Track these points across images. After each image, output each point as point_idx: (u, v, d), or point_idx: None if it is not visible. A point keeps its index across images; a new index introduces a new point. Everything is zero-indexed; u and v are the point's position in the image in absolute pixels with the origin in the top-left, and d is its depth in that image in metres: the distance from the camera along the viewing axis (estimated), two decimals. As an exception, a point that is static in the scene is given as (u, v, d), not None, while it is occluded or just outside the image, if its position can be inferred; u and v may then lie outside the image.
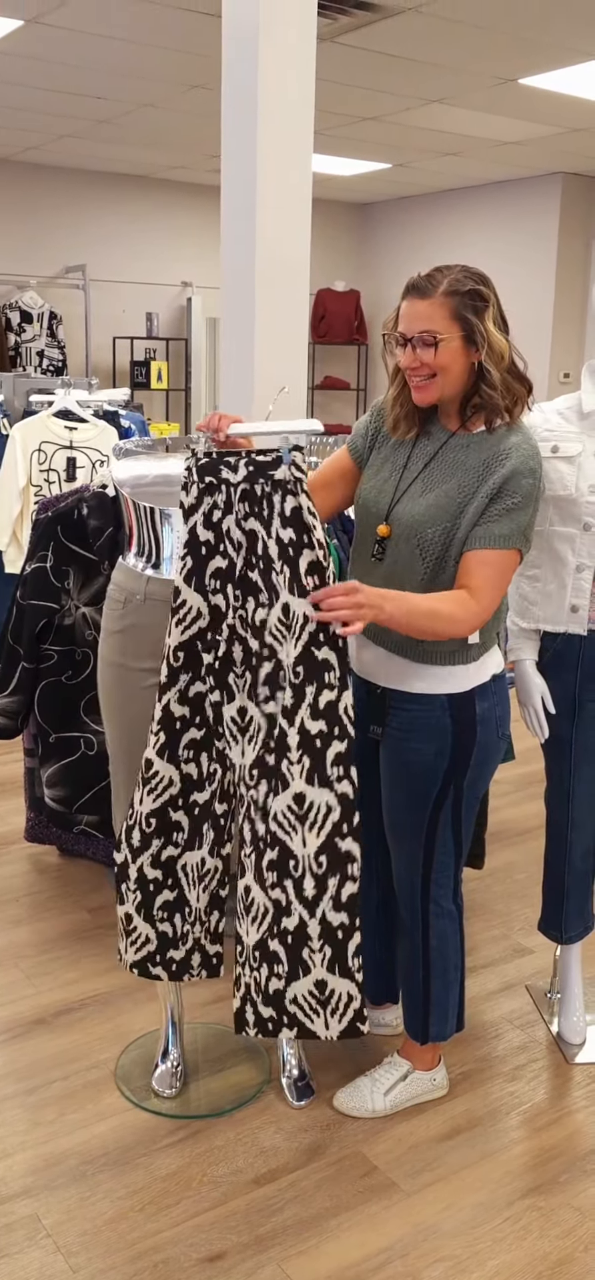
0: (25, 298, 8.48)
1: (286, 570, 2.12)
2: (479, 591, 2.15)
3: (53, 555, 3.15)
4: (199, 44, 5.28)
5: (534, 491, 2.19)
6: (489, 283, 2.23)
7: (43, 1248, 2.12)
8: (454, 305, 2.17)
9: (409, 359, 2.21)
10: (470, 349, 2.19)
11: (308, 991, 2.28)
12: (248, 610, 2.19)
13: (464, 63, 5.53)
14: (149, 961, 2.38)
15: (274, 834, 2.23)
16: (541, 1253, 2.14)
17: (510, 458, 2.17)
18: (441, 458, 2.25)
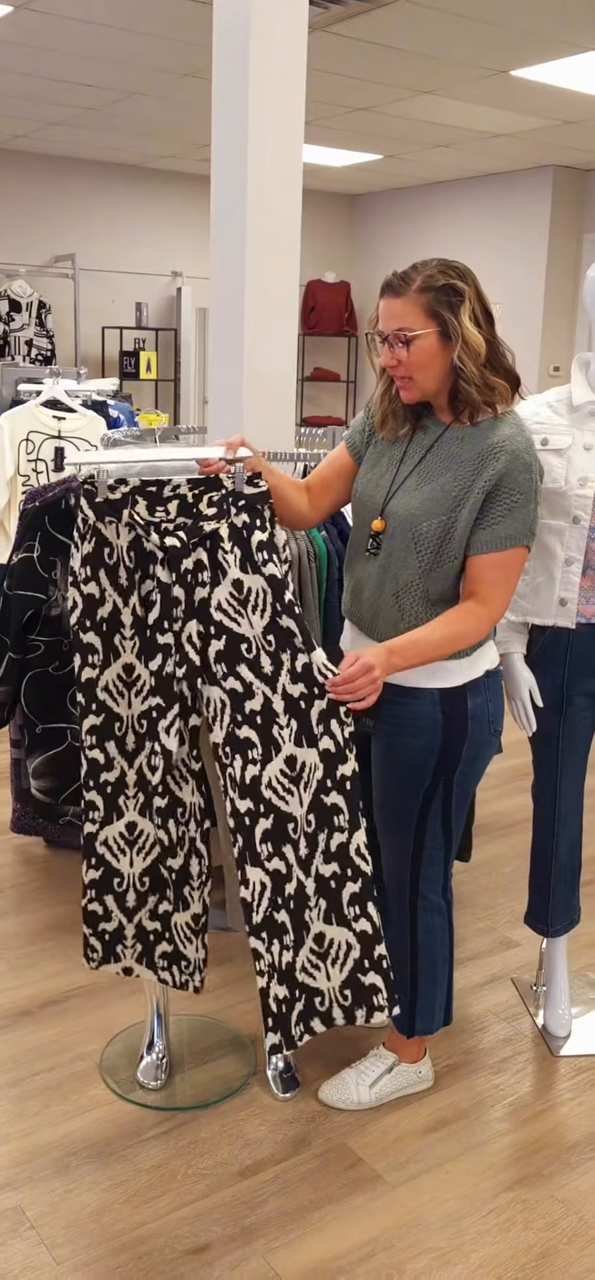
0: (14, 287, 8.44)
1: (237, 550, 2.18)
2: (488, 597, 2.18)
3: (40, 545, 3.14)
4: (189, 32, 5.25)
5: (532, 484, 2.18)
6: (467, 277, 2.19)
7: (26, 1240, 2.12)
8: (427, 302, 2.15)
9: (387, 358, 2.21)
10: (448, 345, 2.17)
11: (309, 950, 2.31)
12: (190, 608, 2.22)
13: (455, 54, 5.52)
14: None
15: (269, 801, 2.25)
16: (525, 1245, 2.15)
17: (504, 451, 2.16)
18: (437, 451, 2.25)
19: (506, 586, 2.20)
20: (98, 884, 2.39)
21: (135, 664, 2.26)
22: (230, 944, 3.14)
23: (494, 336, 2.21)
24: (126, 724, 2.31)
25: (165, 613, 2.19)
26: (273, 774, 2.24)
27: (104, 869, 2.38)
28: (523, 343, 8.79)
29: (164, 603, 2.19)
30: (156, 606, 2.20)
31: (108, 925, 2.41)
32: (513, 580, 2.21)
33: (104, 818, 2.37)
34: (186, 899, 2.35)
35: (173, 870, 2.35)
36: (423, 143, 7.73)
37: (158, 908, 2.38)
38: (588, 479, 2.48)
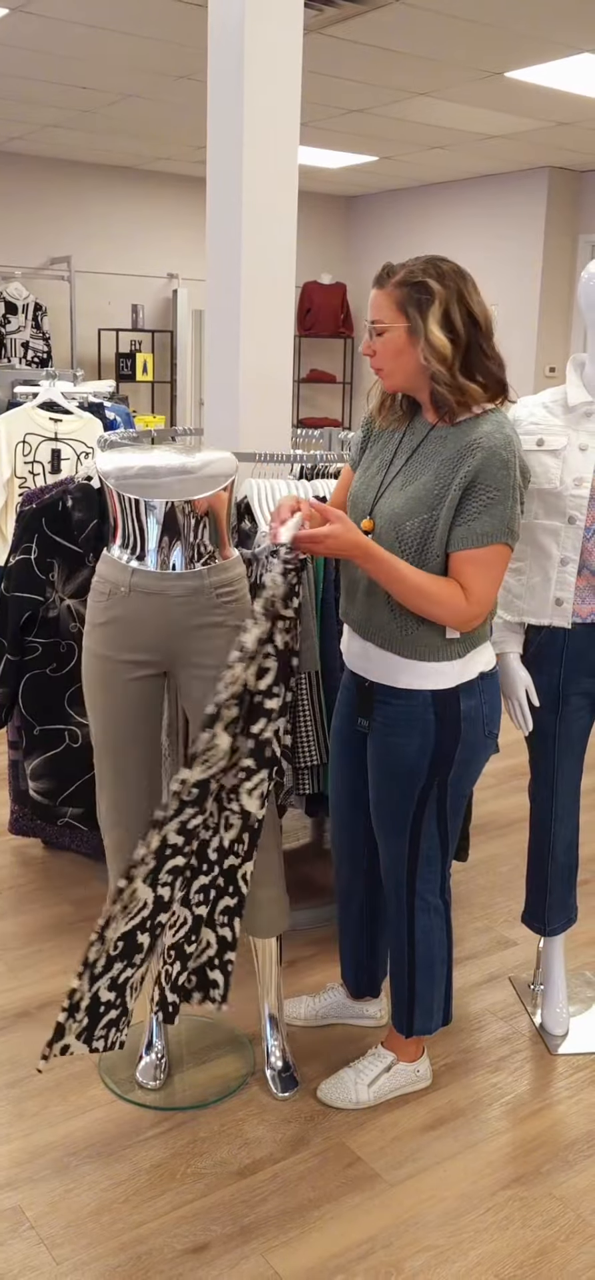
0: (10, 289, 8.44)
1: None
2: (468, 591, 2.16)
3: (37, 547, 3.14)
4: (185, 34, 5.26)
5: (510, 481, 2.16)
6: (447, 278, 2.18)
7: (26, 1239, 2.12)
8: (400, 296, 2.17)
9: (365, 346, 2.26)
10: (415, 341, 2.18)
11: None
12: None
13: (450, 56, 5.53)
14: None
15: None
16: (523, 1242, 2.16)
17: (480, 448, 2.15)
18: (422, 450, 2.26)
19: (487, 584, 2.17)
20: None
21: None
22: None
23: (476, 341, 2.19)
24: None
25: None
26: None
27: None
28: (518, 344, 8.81)
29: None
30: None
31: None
32: (494, 578, 2.19)
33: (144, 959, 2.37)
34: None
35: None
36: (418, 144, 7.74)
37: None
38: (583, 479, 2.49)
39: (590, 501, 2.49)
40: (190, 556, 2.34)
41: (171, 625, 2.35)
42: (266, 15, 3.28)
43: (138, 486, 2.35)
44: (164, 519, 2.32)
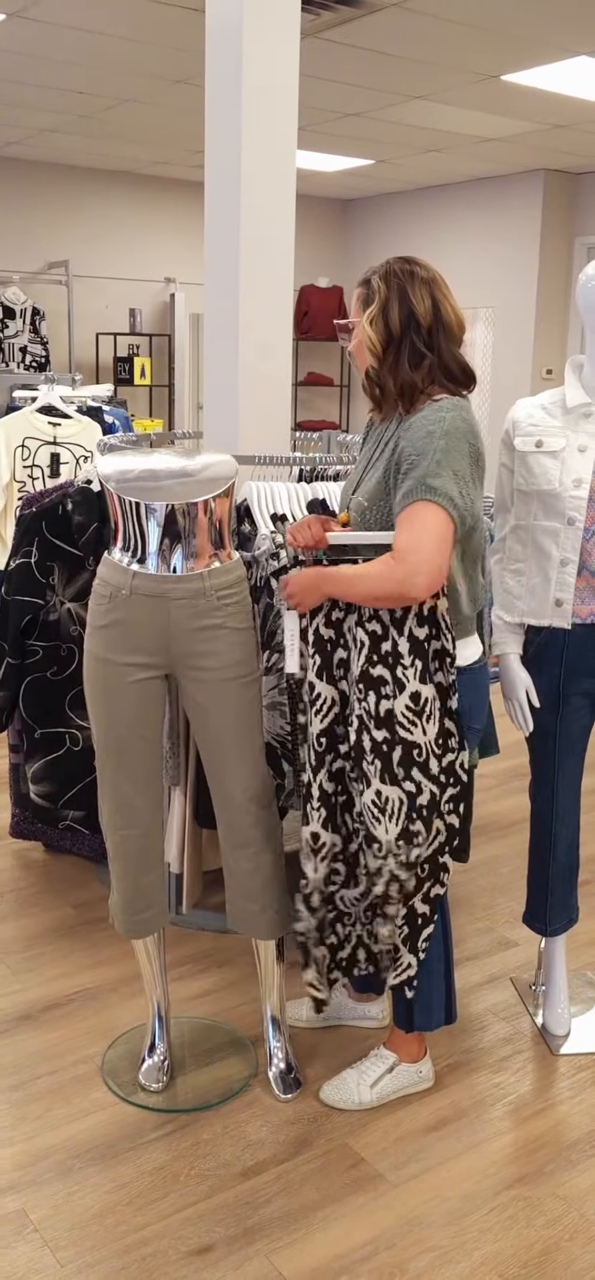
0: (8, 293, 8.44)
1: (418, 663, 2.25)
2: (400, 552, 2.13)
3: (37, 551, 3.14)
4: (182, 39, 5.27)
5: (431, 445, 2.14)
6: (391, 277, 2.25)
7: (30, 1242, 2.12)
8: (359, 294, 2.31)
9: (343, 342, 2.40)
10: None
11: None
12: (370, 703, 2.27)
13: (446, 59, 5.54)
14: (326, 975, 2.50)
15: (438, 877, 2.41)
16: (527, 1242, 2.16)
17: (413, 425, 2.21)
18: (385, 444, 2.34)
19: (413, 536, 2.12)
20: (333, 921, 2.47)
21: (315, 683, 2.33)
22: (230, 945, 3.15)
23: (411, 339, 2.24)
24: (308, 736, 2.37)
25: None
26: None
27: (336, 912, 2.46)
28: (515, 346, 8.82)
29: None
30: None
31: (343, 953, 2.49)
32: (421, 532, 2.12)
33: (343, 881, 2.44)
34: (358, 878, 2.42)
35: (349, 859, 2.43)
36: (414, 147, 7.76)
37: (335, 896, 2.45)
38: (582, 480, 2.50)
39: (589, 502, 2.50)
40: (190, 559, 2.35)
41: (172, 628, 2.35)
42: (264, 20, 3.29)
43: (138, 489, 2.36)
44: (164, 522, 2.32)
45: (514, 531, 2.65)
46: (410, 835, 2.30)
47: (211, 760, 2.45)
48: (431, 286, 2.25)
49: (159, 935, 2.59)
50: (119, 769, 2.42)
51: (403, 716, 2.25)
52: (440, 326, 2.25)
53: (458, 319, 2.28)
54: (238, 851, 2.47)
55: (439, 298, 2.26)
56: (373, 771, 2.27)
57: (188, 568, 2.35)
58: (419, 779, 2.28)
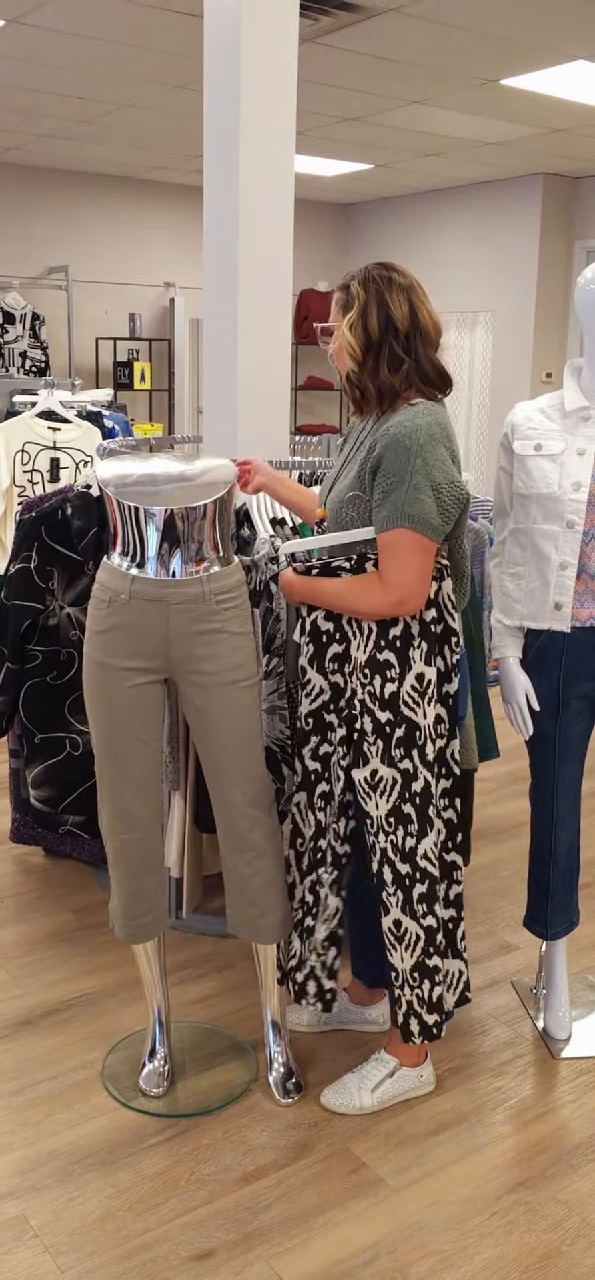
0: (8, 299, 8.45)
1: (424, 644, 2.30)
2: (381, 574, 2.25)
3: (37, 555, 3.15)
4: (181, 44, 5.27)
5: (407, 468, 2.20)
6: (370, 283, 2.29)
7: (31, 1248, 2.12)
8: (341, 299, 2.34)
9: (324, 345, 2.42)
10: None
11: (460, 973, 2.50)
12: (375, 686, 2.31)
13: (445, 63, 5.55)
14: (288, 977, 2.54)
15: (423, 870, 2.37)
16: (528, 1247, 2.16)
17: (388, 435, 2.25)
18: (360, 443, 2.38)
19: (399, 569, 2.21)
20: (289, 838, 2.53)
21: (307, 669, 2.41)
22: (231, 950, 3.15)
23: (389, 343, 2.28)
24: (300, 718, 2.43)
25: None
26: (428, 848, 2.36)
27: (293, 826, 2.50)
28: (514, 350, 8.83)
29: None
30: None
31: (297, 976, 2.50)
32: (405, 564, 2.21)
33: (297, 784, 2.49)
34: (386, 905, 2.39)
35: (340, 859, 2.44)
36: (414, 152, 7.77)
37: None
38: (581, 484, 2.50)
39: (588, 506, 2.50)
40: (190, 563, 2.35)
41: (172, 632, 2.35)
42: (262, 25, 3.29)
43: (137, 494, 2.36)
44: (164, 526, 2.33)
45: (513, 535, 2.65)
46: (401, 816, 2.34)
47: (211, 765, 2.45)
48: (409, 293, 2.30)
49: (159, 940, 2.59)
50: (118, 774, 2.41)
51: (408, 697, 2.31)
52: (417, 331, 2.29)
53: (434, 324, 2.33)
54: (237, 856, 2.47)
55: (416, 303, 2.30)
56: (374, 752, 2.33)
57: (187, 572, 2.35)
58: (416, 761, 2.33)
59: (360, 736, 2.33)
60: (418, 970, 2.39)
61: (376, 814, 2.34)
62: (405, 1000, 2.40)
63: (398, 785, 2.33)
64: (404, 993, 2.39)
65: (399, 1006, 2.40)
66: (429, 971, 2.40)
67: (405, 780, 2.33)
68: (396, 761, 2.33)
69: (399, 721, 2.32)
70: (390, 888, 2.36)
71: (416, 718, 2.31)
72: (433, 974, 2.41)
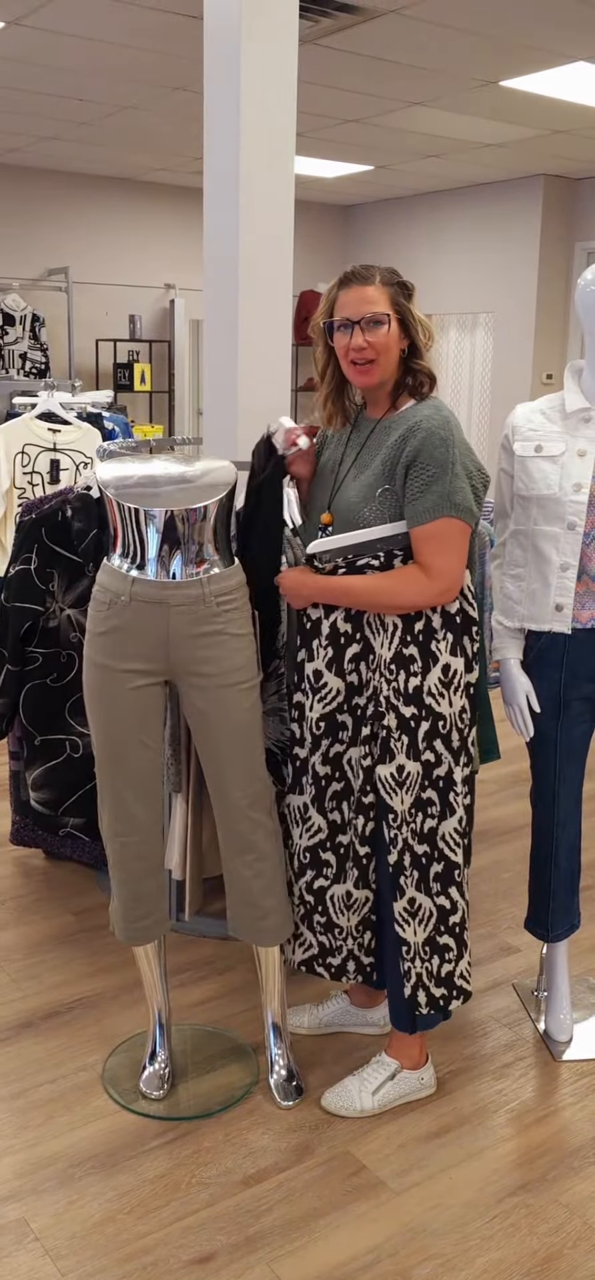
0: (8, 300, 8.45)
1: (450, 636, 2.34)
2: (425, 566, 2.28)
3: (37, 557, 3.14)
4: (181, 46, 5.27)
5: (448, 458, 2.26)
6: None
7: (31, 1251, 2.11)
8: (391, 294, 2.33)
9: (359, 340, 2.32)
10: (402, 335, 2.34)
11: (467, 963, 2.50)
12: (400, 682, 2.33)
13: (446, 65, 5.54)
14: (314, 961, 2.54)
15: (442, 851, 2.41)
16: (530, 1250, 2.15)
17: (421, 429, 2.27)
18: (370, 443, 2.38)
19: (444, 557, 2.27)
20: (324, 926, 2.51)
21: (323, 672, 2.41)
22: (231, 953, 3.14)
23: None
24: (308, 722, 2.44)
25: None
26: (448, 830, 2.42)
27: (284, 826, 2.53)
28: (515, 351, 8.82)
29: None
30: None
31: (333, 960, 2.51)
32: (449, 550, 2.27)
33: (289, 786, 2.50)
34: (402, 888, 2.41)
35: (362, 860, 2.45)
36: (414, 153, 7.76)
37: (313, 883, 2.49)
38: (582, 485, 2.49)
39: (589, 507, 2.50)
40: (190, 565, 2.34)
41: (172, 634, 2.35)
42: (262, 26, 3.29)
43: (137, 496, 2.36)
44: (164, 528, 2.32)
45: (514, 536, 2.64)
46: (423, 802, 2.37)
47: (212, 766, 2.45)
48: None
49: (160, 942, 2.58)
50: (118, 776, 2.41)
51: (435, 689, 2.34)
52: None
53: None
54: (238, 858, 2.47)
55: None
56: (399, 748, 2.34)
57: (187, 574, 2.34)
58: (440, 750, 2.37)
59: (388, 734, 2.34)
60: (429, 945, 2.42)
61: (401, 809, 2.36)
62: (415, 973, 2.42)
63: (421, 775, 2.37)
64: (414, 965, 2.41)
65: (408, 979, 2.41)
66: (440, 948, 2.43)
67: (427, 769, 2.37)
68: (421, 754, 2.36)
69: (425, 715, 2.35)
70: (408, 870, 2.38)
71: (442, 709, 2.35)
72: (443, 951, 2.44)
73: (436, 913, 2.42)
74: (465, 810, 2.44)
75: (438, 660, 2.34)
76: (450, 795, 2.40)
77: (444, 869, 2.42)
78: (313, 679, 2.41)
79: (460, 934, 2.47)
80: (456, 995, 2.48)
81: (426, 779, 2.38)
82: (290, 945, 2.55)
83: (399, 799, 2.36)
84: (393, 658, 2.33)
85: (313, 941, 2.52)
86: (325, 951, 2.51)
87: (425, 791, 2.38)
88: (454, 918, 2.45)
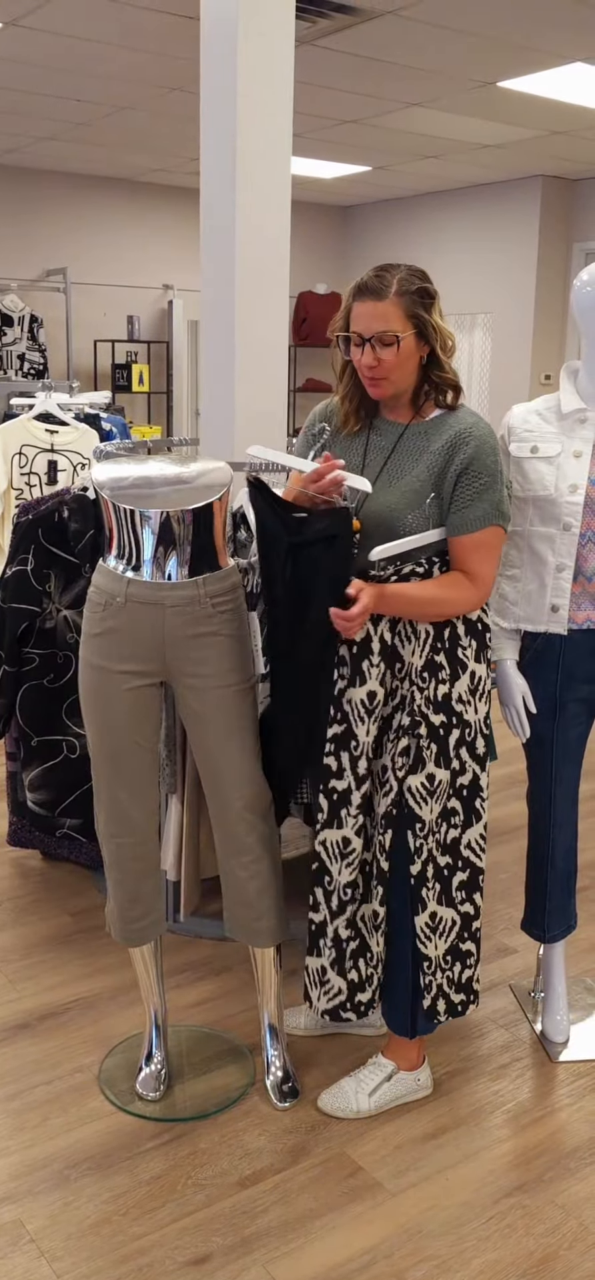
0: (6, 301, 8.45)
1: (474, 643, 2.35)
2: (474, 575, 2.30)
3: (34, 558, 3.14)
4: (178, 47, 5.27)
5: (498, 466, 2.30)
6: (429, 279, 2.34)
7: (26, 1253, 2.11)
8: (406, 304, 2.27)
9: (368, 358, 2.28)
10: (421, 343, 2.30)
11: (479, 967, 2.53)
12: (430, 690, 2.32)
13: (443, 66, 5.55)
14: (341, 1008, 2.46)
15: (467, 859, 2.42)
16: (526, 1251, 2.15)
17: (473, 438, 2.27)
18: (402, 448, 2.34)
19: (489, 565, 2.31)
20: (314, 875, 2.44)
21: (377, 691, 2.32)
22: (228, 953, 3.14)
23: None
24: (362, 748, 2.34)
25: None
26: (473, 838, 2.43)
27: (318, 864, 2.43)
28: (513, 352, 8.83)
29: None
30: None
31: (316, 916, 2.45)
32: (493, 558, 2.32)
33: (326, 821, 2.40)
34: (424, 900, 2.39)
35: (385, 875, 2.40)
36: (412, 154, 7.77)
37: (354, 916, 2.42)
38: (578, 486, 2.49)
39: (585, 508, 2.49)
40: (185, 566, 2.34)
41: (167, 635, 2.35)
42: (259, 27, 3.29)
43: (133, 497, 2.36)
44: (159, 529, 2.32)
45: (510, 537, 2.64)
46: (447, 811, 2.38)
47: (207, 768, 2.44)
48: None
49: (156, 943, 2.58)
50: (114, 777, 2.41)
51: (464, 696, 2.34)
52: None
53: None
54: (234, 859, 2.47)
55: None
56: (429, 756, 2.33)
57: (182, 575, 2.34)
58: (465, 758, 2.37)
59: (420, 742, 2.32)
60: (451, 953, 2.43)
61: (430, 818, 2.35)
62: (436, 984, 2.42)
63: (448, 784, 2.36)
64: (435, 978, 2.42)
65: (428, 992, 2.42)
66: (462, 955, 2.45)
67: (453, 777, 2.37)
68: (451, 763, 2.36)
69: (455, 723, 2.34)
70: (430, 883, 2.38)
71: (469, 716, 2.36)
72: (465, 957, 2.46)
73: (460, 920, 2.42)
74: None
75: (466, 668, 2.34)
76: (475, 801, 2.40)
77: (469, 876, 2.42)
78: (366, 703, 2.31)
79: (479, 939, 2.49)
80: (473, 999, 2.50)
81: (452, 788, 2.37)
82: (315, 993, 2.46)
83: (428, 808, 2.34)
84: (425, 665, 2.31)
85: (341, 986, 2.44)
86: (354, 988, 2.44)
87: (450, 801, 2.38)
88: (476, 923, 2.46)
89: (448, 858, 2.39)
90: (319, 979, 2.46)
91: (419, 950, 2.39)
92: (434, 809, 2.35)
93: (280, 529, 2.34)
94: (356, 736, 2.33)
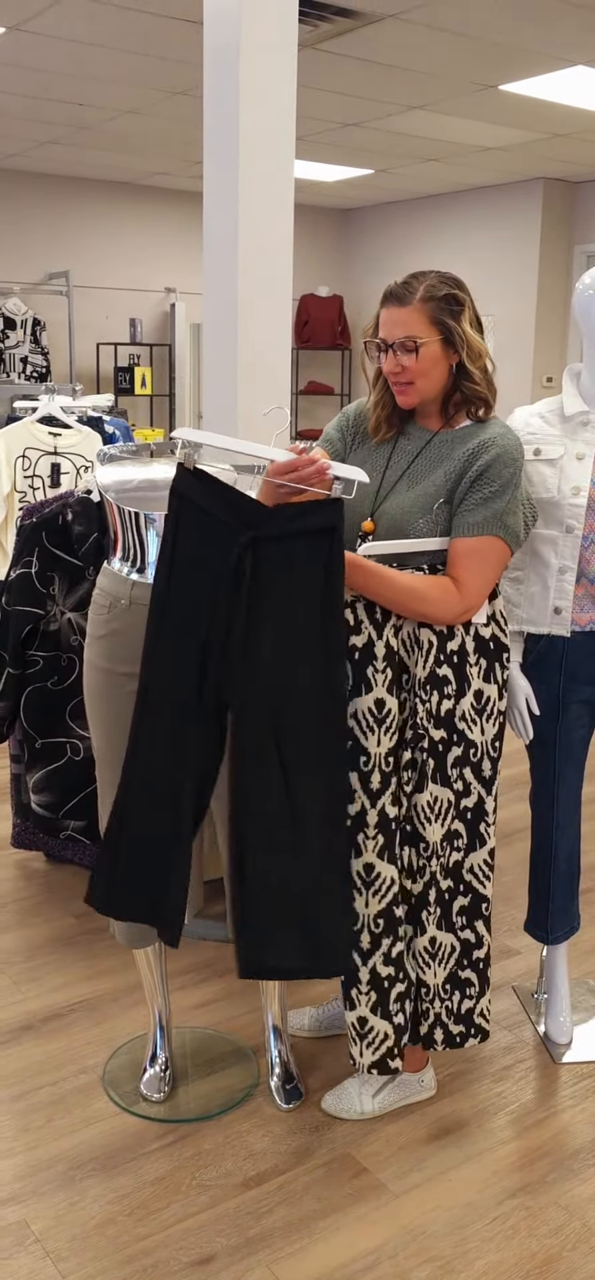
0: (9, 304, 8.47)
1: (483, 661, 2.29)
2: (460, 582, 2.21)
3: (38, 561, 3.15)
4: (181, 51, 5.29)
5: (513, 480, 2.23)
6: (463, 286, 2.30)
7: (32, 1254, 2.12)
8: (431, 311, 2.23)
9: (391, 364, 2.26)
10: (449, 351, 2.25)
11: (488, 1001, 2.45)
12: (432, 704, 2.26)
13: (445, 69, 5.56)
14: (388, 1057, 2.38)
15: (469, 884, 2.37)
16: (529, 1252, 2.15)
17: (495, 444, 2.22)
18: (426, 454, 2.30)
19: (479, 576, 2.21)
20: (404, 995, 2.37)
21: (386, 699, 2.26)
22: (232, 955, 3.14)
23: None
24: (373, 761, 2.27)
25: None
26: (477, 862, 2.36)
27: (407, 980, 2.36)
28: (515, 354, 8.83)
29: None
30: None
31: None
32: (486, 571, 2.22)
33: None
34: (423, 924, 2.34)
35: (410, 897, 2.34)
36: (414, 157, 7.78)
37: (392, 950, 2.33)
38: (580, 488, 2.50)
39: (588, 510, 2.50)
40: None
41: (172, 637, 2.35)
42: (261, 31, 3.30)
43: (137, 499, 2.36)
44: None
45: (513, 539, 2.65)
46: (451, 834, 2.32)
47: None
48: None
49: (160, 945, 2.59)
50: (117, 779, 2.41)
51: (468, 715, 2.28)
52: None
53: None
54: (238, 861, 2.47)
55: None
56: (429, 771, 2.28)
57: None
58: (469, 780, 2.31)
59: (424, 759, 2.28)
60: (450, 981, 2.38)
61: (434, 840, 2.30)
62: (433, 1012, 2.39)
63: (451, 805, 2.31)
64: (433, 1005, 2.38)
65: (425, 1019, 2.39)
66: (461, 983, 2.39)
67: (457, 798, 2.31)
68: (452, 782, 2.30)
69: (456, 741, 2.28)
70: (431, 906, 2.33)
71: (474, 736, 2.29)
72: (465, 986, 2.39)
73: (459, 947, 2.37)
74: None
75: (471, 685, 2.27)
76: (480, 826, 2.34)
77: (471, 902, 2.36)
78: (374, 711, 2.24)
79: (484, 970, 2.41)
80: (474, 1034, 2.43)
81: (455, 810, 2.31)
82: (357, 1047, 2.36)
83: (432, 829, 2.29)
84: (427, 678, 2.25)
85: (387, 1031, 2.34)
86: (401, 1031, 2.36)
87: (454, 823, 2.31)
88: (478, 953, 2.39)
89: (450, 881, 2.34)
90: (358, 1031, 2.35)
91: (418, 976, 2.37)
92: (438, 831, 2.30)
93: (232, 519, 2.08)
94: (366, 750, 2.25)
